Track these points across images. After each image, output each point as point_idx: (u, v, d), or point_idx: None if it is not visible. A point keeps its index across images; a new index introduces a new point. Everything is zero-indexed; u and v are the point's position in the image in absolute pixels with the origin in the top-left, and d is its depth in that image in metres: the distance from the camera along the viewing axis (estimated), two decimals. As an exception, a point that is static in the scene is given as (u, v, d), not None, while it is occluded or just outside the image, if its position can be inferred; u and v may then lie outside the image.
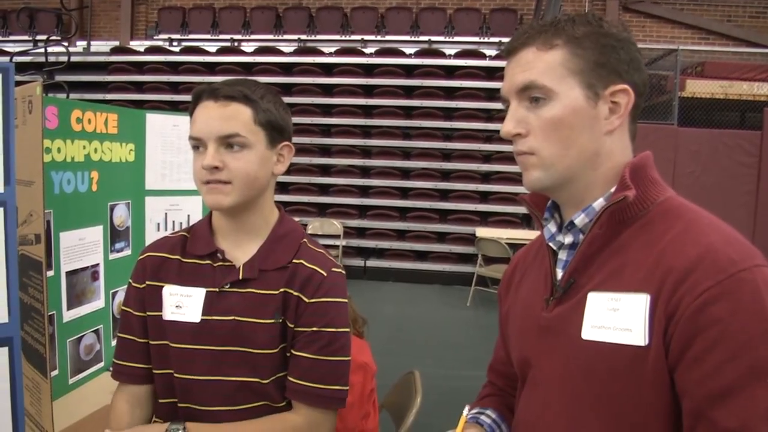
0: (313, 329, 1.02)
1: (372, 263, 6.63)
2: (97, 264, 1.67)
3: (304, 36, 7.53)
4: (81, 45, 7.81)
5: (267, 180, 1.06)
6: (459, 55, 6.81)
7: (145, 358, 1.07)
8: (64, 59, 3.30)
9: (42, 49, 3.01)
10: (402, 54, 6.88)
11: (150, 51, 7.36)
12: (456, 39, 7.31)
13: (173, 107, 6.55)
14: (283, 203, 5.03)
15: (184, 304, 1.03)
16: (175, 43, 7.73)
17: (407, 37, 7.38)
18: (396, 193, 6.74)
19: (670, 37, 7.32)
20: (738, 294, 0.65)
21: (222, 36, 7.70)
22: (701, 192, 5.03)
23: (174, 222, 1.94)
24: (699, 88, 5.89)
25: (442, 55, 6.85)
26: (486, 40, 7.24)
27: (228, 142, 0.99)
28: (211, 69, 7.02)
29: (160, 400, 1.07)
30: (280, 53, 7.09)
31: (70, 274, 1.56)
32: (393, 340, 4.34)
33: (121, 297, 1.71)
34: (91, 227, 1.64)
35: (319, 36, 7.51)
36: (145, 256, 1.10)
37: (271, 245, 1.07)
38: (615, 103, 0.77)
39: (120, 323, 1.12)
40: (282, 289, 1.03)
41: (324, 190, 6.90)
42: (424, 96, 6.73)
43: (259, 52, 7.15)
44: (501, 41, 7.09)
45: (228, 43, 7.58)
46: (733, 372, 0.64)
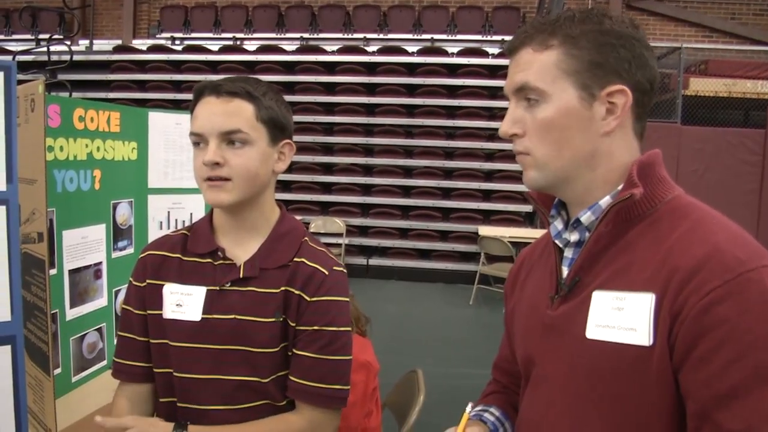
0: (314, 328, 1.02)
1: (374, 262, 6.64)
2: (100, 262, 1.67)
3: (306, 34, 7.52)
4: (83, 44, 7.83)
5: (268, 177, 1.05)
6: (461, 54, 6.80)
7: (146, 356, 1.07)
8: (66, 58, 3.30)
9: (44, 48, 3.01)
10: (404, 52, 6.88)
11: (152, 50, 7.38)
12: (458, 37, 7.29)
13: (176, 106, 6.57)
14: (286, 202, 5.05)
15: (184, 302, 1.03)
16: (178, 42, 7.73)
17: (410, 36, 7.36)
18: (398, 192, 6.74)
19: (673, 35, 7.29)
20: (745, 294, 0.64)
21: (224, 34, 7.70)
22: (704, 190, 5.01)
23: (177, 220, 1.94)
24: (702, 86, 5.88)
25: (444, 54, 6.85)
26: (489, 38, 7.22)
27: (229, 138, 0.99)
28: (214, 67, 7.02)
29: (160, 399, 1.07)
30: (282, 52, 7.09)
31: (72, 272, 1.56)
32: (396, 338, 4.34)
33: (124, 295, 1.71)
34: (94, 225, 1.64)
35: (322, 34, 7.51)
36: (146, 254, 1.10)
37: (272, 243, 1.06)
38: (612, 104, 0.75)
39: (120, 321, 1.12)
40: (283, 288, 1.03)
41: (326, 188, 6.90)
42: (426, 94, 6.72)
43: (262, 50, 7.16)
44: (504, 39, 7.07)
45: (230, 42, 7.58)
46: (739, 373, 0.63)
